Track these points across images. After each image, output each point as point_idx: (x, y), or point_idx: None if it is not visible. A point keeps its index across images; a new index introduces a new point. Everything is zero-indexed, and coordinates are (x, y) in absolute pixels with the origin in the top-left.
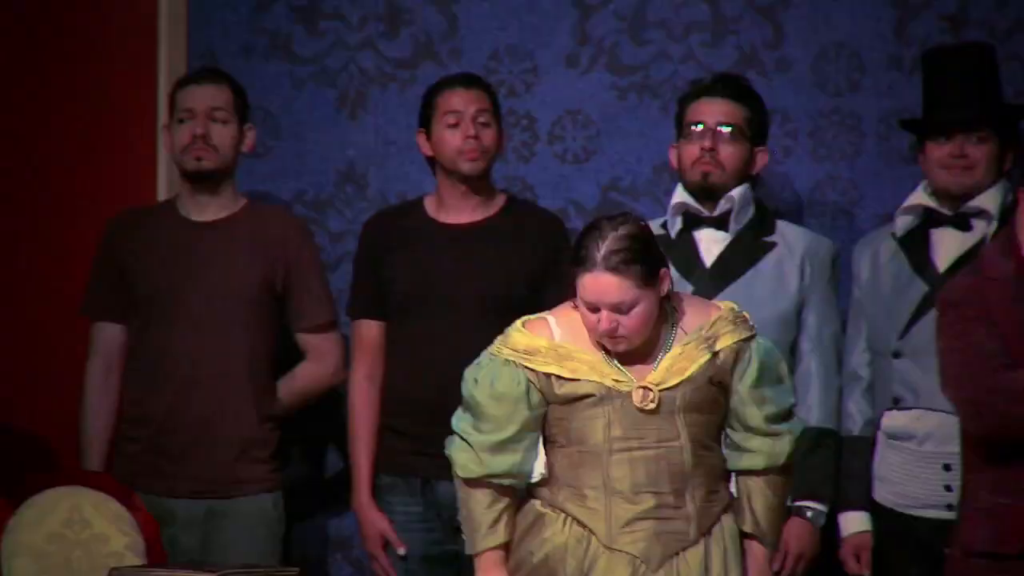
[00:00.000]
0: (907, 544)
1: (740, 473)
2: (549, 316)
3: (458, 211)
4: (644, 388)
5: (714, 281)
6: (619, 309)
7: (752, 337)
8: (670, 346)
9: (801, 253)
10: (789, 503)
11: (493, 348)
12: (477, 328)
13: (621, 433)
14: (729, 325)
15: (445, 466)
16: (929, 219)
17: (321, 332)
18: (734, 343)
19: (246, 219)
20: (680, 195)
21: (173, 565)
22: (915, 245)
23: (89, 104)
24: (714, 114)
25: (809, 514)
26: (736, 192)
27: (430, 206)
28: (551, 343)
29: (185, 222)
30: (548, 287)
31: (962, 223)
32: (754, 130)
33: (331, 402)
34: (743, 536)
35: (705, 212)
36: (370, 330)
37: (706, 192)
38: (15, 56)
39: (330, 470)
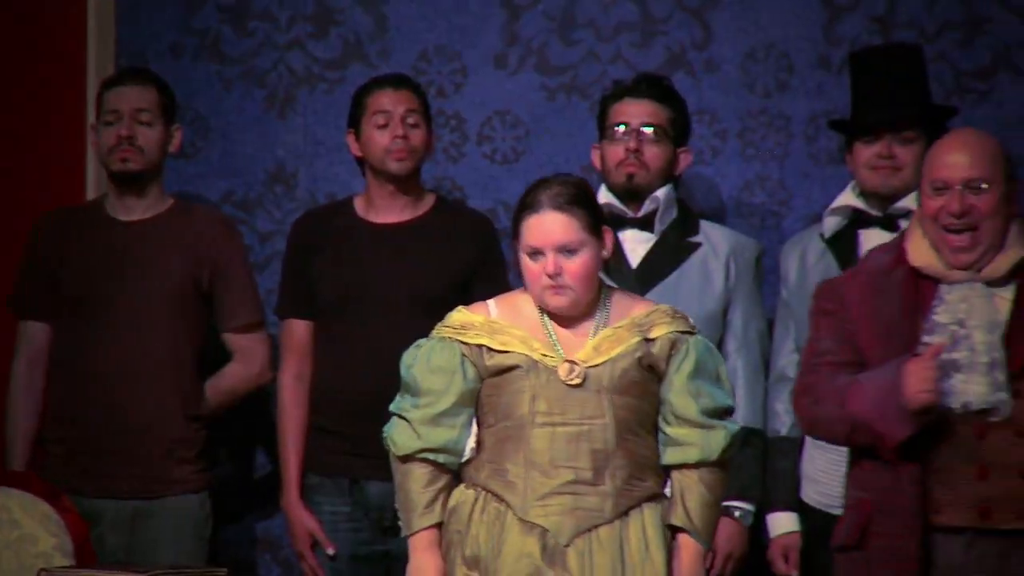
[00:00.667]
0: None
1: (674, 468)
2: (490, 300)
3: (387, 211)
4: (570, 362)
5: (640, 282)
6: (565, 250)
7: (691, 332)
8: (603, 327)
9: (726, 253)
10: None
11: (432, 333)
12: (406, 328)
13: (545, 407)
14: (666, 318)
15: (374, 466)
16: (857, 220)
17: (248, 332)
18: (670, 332)
19: (173, 219)
20: (604, 196)
21: (102, 566)
22: (843, 246)
23: (18, 103)
24: (638, 115)
25: (737, 513)
26: (660, 193)
27: (359, 206)
28: (486, 319)
29: (112, 222)
30: (477, 286)
31: (890, 224)
32: (677, 131)
33: (260, 402)
34: (675, 531)
35: (630, 213)
36: (299, 330)
37: (630, 193)
38: None
39: (259, 470)
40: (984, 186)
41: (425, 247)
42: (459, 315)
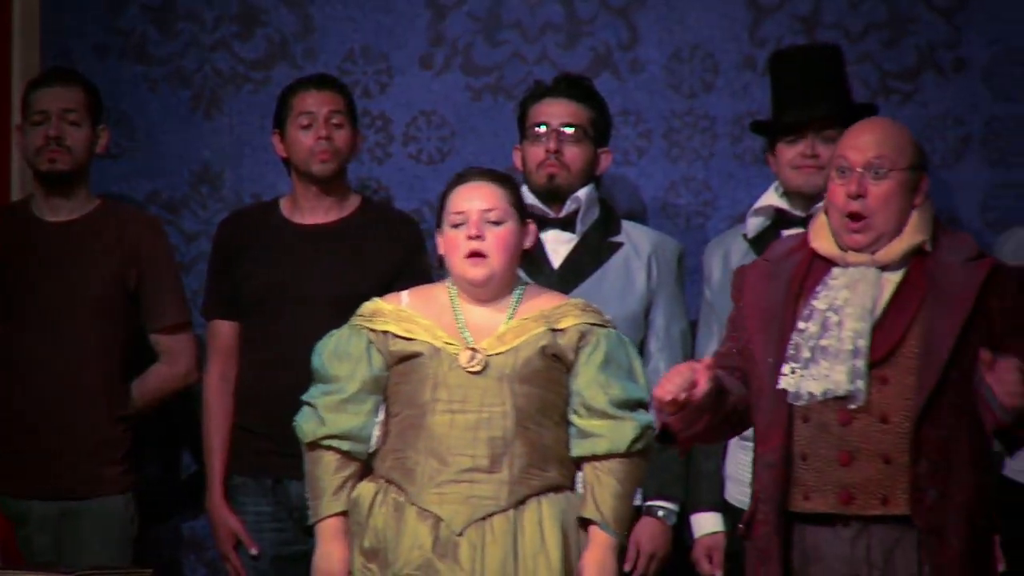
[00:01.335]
0: None
1: (585, 460)
2: (404, 291)
3: (312, 212)
4: (472, 350)
5: (562, 282)
6: (488, 218)
7: (603, 325)
8: (511, 317)
9: (647, 253)
10: (640, 503)
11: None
12: (331, 328)
13: (446, 395)
14: (576, 310)
15: (297, 466)
16: (780, 220)
17: (175, 333)
18: (580, 323)
19: (100, 220)
20: (526, 197)
21: (29, 566)
22: (766, 246)
23: None
24: (557, 115)
25: (660, 513)
26: (582, 193)
27: (285, 207)
28: (396, 308)
29: (39, 223)
30: (402, 287)
31: None
32: (598, 131)
33: (186, 402)
34: (586, 523)
35: (551, 213)
36: (224, 330)
37: (551, 194)
38: None
39: (185, 471)
40: (884, 171)
41: (350, 248)
42: (371, 304)
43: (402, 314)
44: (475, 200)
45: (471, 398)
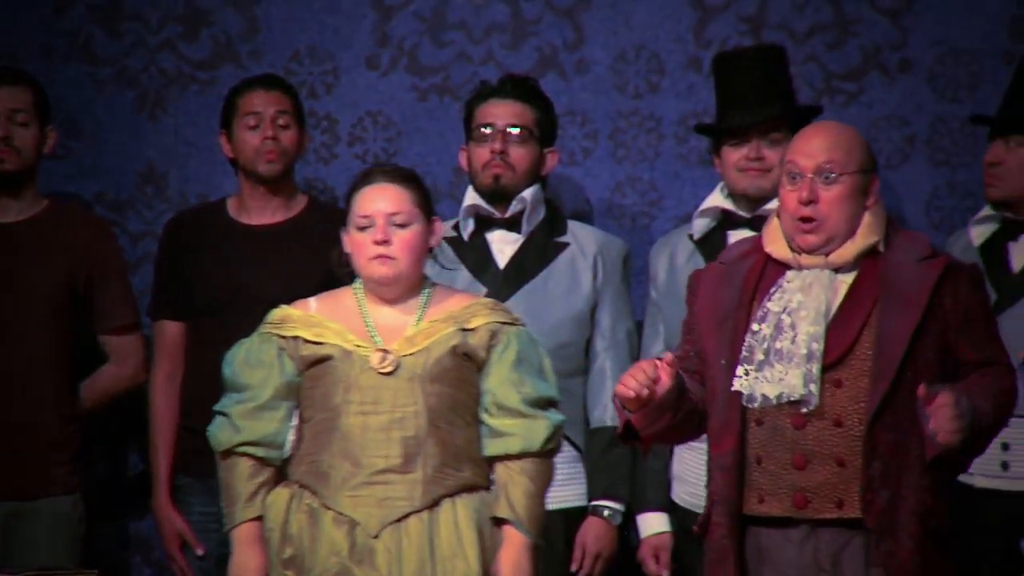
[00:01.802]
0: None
1: (498, 460)
2: (312, 297)
3: (259, 213)
4: (383, 351)
5: (508, 282)
6: (394, 221)
7: (513, 324)
8: (420, 319)
9: (593, 253)
10: (586, 503)
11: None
12: None
13: (359, 396)
14: (486, 309)
15: None
16: (726, 221)
17: (123, 333)
18: (490, 323)
19: (48, 220)
20: (471, 197)
21: None
22: (712, 247)
23: None
24: (503, 116)
25: (606, 513)
26: (528, 193)
27: (232, 207)
28: (304, 314)
29: None
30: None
31: (758, 225)
32: (543, 131)
33: (133, 402)
34: (500, 523)
35: (497, 214)
36: (171, 331)
37: (497, 194)
38: None
39: (131, 471)
40: (835, 175)
41: (297, 249)
42: (279, 311)
43: (311, 319)
44: (381, 203)
45: (383, 399)
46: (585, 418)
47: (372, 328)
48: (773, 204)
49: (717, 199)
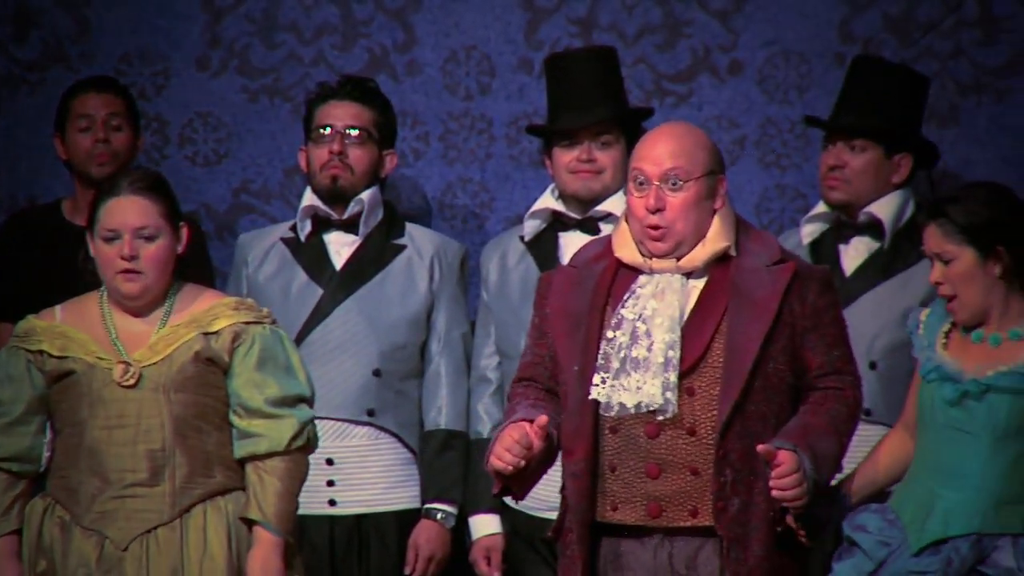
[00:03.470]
0: (537, 545)
1: (247, 460)
2: (59, 305)
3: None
4: (124, 363)
5: (345, 284)
6: (141, 235)
7: (258, 323)
8: (164, 324)
9: (430, 255)
10: (420, 506)
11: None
12: None
13: (103, 411)
14: (228, 310)
15: None
16: (557, 223)
17: None
18: (232, 324)
19: None
20: (309, 198)
21: None
22: (543, 248)
23: None
24: (342, 117)
25: (439, 516)
26: (366, 195)
27: (67, 209)
28: (49, 325)
29: None
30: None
31: (590, 227)
32: (382, 133)
33: None
34: (250, 523)
35: (335, 215)
36: (4, 332)
37: (335, 195)
38: None
39: None
40: (681, 182)
41: None
42: (25, 323)
43: (56, 330)
44: (128, 216)
45: (128, 412)
46: (420, 420)
47: (115, 338)
48: (604, 206)
49: (548, 201)
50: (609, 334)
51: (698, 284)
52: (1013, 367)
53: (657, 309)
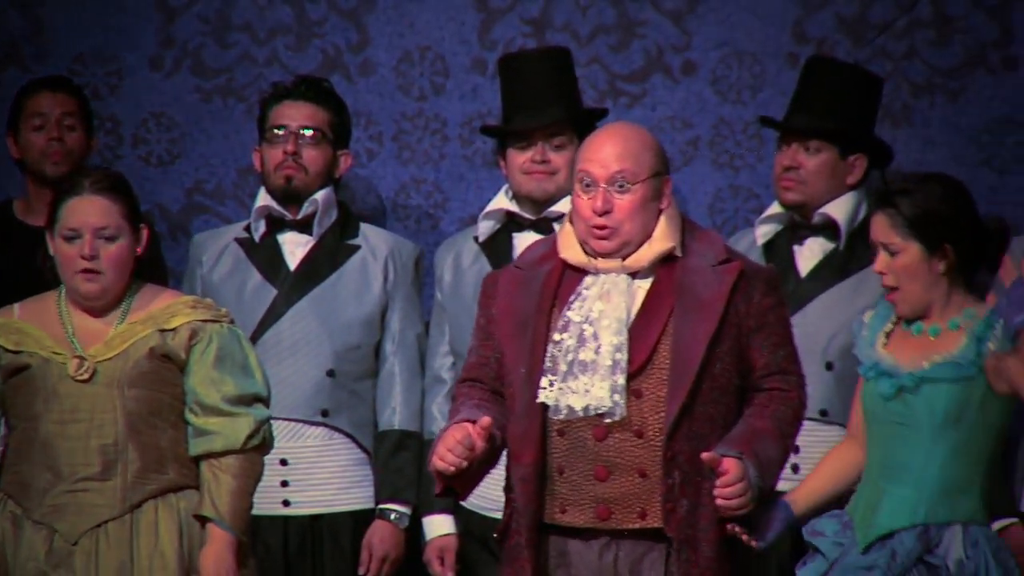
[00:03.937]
0: (490, 545)
1: (202, 458)
2: (17, 304)
3: (46, 214)
4: (79, 358)
5: (299, 284)
6: (102, 235)
7: (216, 321)
8: (122, 322)
9: (385, 255)
10: (374, 506)
11: None
12: None
13: (57, 405)
14: (186, 308)
15: None
16: (511, 223)
17: None
18: (190, 321)
19: None
20: (263, 198)
21: None
22: (497, 249)
23: None
24: (297, 117)
25: (393, 516)
26: (320, 195)
27: (19, 209)
28: (7, 321)
29: None
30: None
31: (544, 227)
32: (337, 133)
33: None
34: (204, 520)
35: (289, 215)
36: None
37: (289, 195)
38: None
39: None
40: (628, 184)
41: None
42: None
43: (12, 326)
44: (90, 216)
45: (81, 407)
46: (374, 421)
47: (72, 335)
48: (558, 206)
49: (502, 201)
50: (556, 336)
51: (644, 285)
52: (948, 357)
53: (604, 311)
